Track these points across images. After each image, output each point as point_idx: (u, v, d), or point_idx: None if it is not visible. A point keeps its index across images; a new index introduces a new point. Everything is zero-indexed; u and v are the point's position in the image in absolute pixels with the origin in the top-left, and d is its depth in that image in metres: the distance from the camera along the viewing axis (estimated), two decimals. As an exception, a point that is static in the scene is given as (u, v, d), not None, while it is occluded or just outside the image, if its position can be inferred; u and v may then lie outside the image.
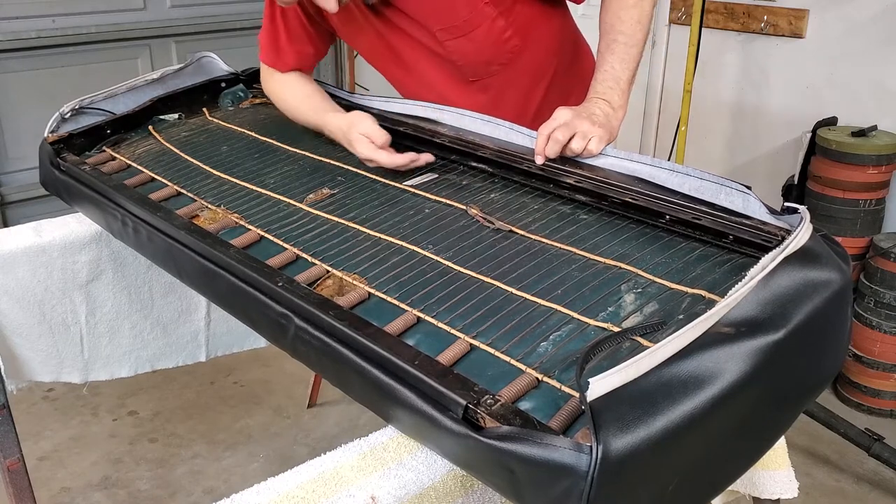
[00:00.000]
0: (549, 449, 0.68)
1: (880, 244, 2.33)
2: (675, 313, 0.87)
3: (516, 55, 1.39)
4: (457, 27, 1.33)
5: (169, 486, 2.12)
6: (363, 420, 2.35)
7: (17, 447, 1.26)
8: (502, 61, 1.39)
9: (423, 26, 1.35)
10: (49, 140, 1.45)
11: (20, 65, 2.88)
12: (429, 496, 0.81)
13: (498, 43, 1.36)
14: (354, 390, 0.90)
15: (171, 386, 2.53)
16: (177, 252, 1.14)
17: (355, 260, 1.05)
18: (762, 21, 2.66)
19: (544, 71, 1.45)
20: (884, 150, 2.33)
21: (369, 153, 1.26)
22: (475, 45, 1.35)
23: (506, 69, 1.41)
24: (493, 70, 1.40)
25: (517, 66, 1.41)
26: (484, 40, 1.35)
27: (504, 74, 1.41)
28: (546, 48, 1.43)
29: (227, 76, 1.70)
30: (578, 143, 1.15)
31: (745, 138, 2.87)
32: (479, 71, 1.40)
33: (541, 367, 0.82)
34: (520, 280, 0.96)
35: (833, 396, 2.48)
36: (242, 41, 3.27)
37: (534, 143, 1.20)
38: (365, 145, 1.26)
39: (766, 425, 0.85)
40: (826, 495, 2.08)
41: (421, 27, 1.35)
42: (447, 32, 1.34)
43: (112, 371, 1.55)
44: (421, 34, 1.37)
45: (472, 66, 1.39)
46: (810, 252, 0.87)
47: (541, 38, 1.41)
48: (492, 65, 1.39)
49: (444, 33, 1.34)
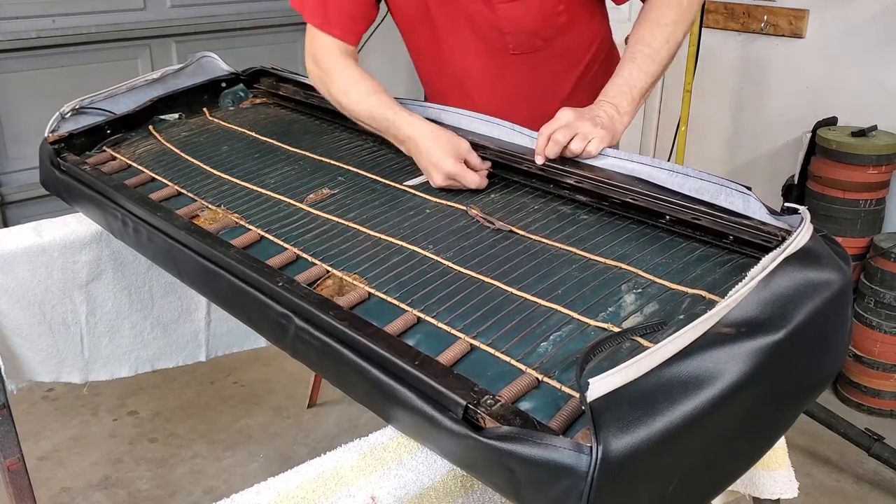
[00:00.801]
0: (549, 449, 0.68)
1: (880, 244, 2.33)
2: (676, 314, 0.87)
3: (561, 32, 1.38)
4: None
5: (169, 486, 2.12)
6: (363, 420, 2.35)
7: (17, 447, 1.26)
8: (547, 35, 1.38)
9: None
10: (49, 140, 1.45)
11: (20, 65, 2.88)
12: (429, 496, 0.81)
13: (550, 15, 1.35)
14: (354, 390, 0.90)
15: (171, 386, 2.53)
16: (177, 252, 1.14)
17: (355, 260, 1.05)
18: (762, 21, 2.66)
19: (580, 58, 1.44)
20: (884, 150, 2.33)
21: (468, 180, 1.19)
22: (528, 13, 1.34)
23: (548, 45, 1.39)
24: (537, 45, 1.38)
25: (558, 44, 1.40)
26: (539, 9, 1.34)
27: (544, 51, 1.40)
28: (586, 36, 1.43)
29: (227, 76, 1.70)
30: (578, 144, 1.15)
31: (745, 138, 2.87)
32: (524, 42, 1.38)
33: (541, 368, 0.82)
34: (520, 280, 0.96)
35: (833, 396, 2.48)
36: (242, 41, 3.27)
37: (534, 144, 1.20)
38: (461, 167, 1.20)
39: (767, 425, 0.85)
40: (826, 495, 2.08)
41: None
42: None
43: (112, 371, 1.55)
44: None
45: (518, 36, 1.37)
46: (811, 252, 0.87)
47: (584, 24, 1.41)
48: (537, 38, 1.38)
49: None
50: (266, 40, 3.35)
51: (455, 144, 1.22)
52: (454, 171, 1.19)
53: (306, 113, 1.60)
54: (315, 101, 1.56)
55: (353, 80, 1.36)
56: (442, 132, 1.24)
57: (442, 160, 1.20)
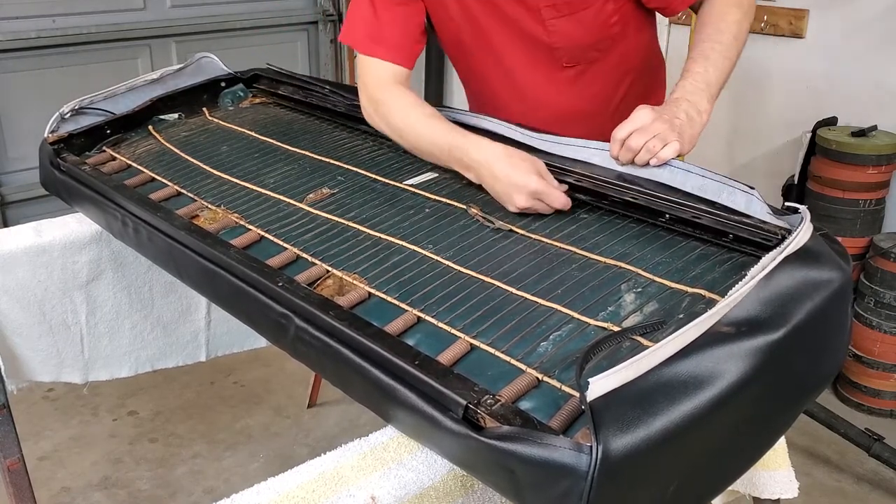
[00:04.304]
0: (549, 449, 0.68)
1: (880, 244, 2.33)
2: (675, 313, 0.87)
3: (614, 44, 1.35)
4: (567, 4, 1.27)
5: (169, 486, 2.12)
6: (363, 420, 2.35)
7: (17, 447, 1.26)
8: (601, 48, 1.35)
9: (526, 3, 1.29)
10: (49, 140, 1.45)
11: (20, 65, 2.87)
12: (429, 496, 0.81)
13: (604, 27, 1.32)
14: (355, 390, 0.90)
15: (171, 386, 2.52)
16: (177, 252, 1.14)
17: (355, 260, 1.05)
18: (762, 21, 2.66)
19: (631, 67, 1.42)
20: (884, 150, 2.33)
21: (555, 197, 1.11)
22: (582, 27, 1.30)
23: (603, 57, 1.36)
24: (591, 56, 1.35)
25: (611, 56, 1.37)
26: (592, 22, 1.30)
27: (598, 64, 1.37)
28: (637, 46, 1.41)
29: (226, 76, 1.70)
30: (655, 143, 1.08)
31: (745, 138, 2.86)
32: (576, 56, 1.34)
33: (541, 367, 0.82)
34: (520, 280, 0.96)
35: (833, 396, 2.48)
36: (242, 41, 3.26)
37: (529, 140, 1.21)
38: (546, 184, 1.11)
39: (766, 425, 0.85)
40: (826, 495, 2.08)
41: (522, 4, 1.29)
42: (555, 10, 1.28)
43: (112, 371, 1.55)
44: (518, 11, 1.30)
45: (570, 50, 1.33)
46: (811, 251, 0.87)
47: (636, 34, 1.39)
48: (591, 50, 1.34)
49: (552, 10, 1.28)
50: (266, 40, 3.35)
51: (533, 163, 1.13)
52: (540, 188, 1.10)
53: (306, 112, 1.60)
54: (315, 100, 1.57)
55: (411, 105, 1.29)
56: (516, 153, 1.15)
57: (526, 179, 1.10)
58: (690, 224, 1.02)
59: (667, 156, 1.08)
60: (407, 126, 1.28)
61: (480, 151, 1.16)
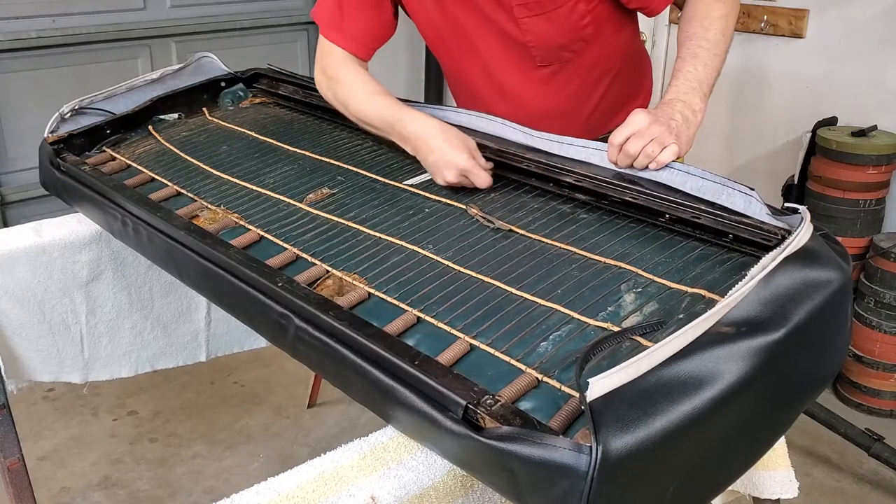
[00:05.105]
0: (549, 449, 0.68)
1: (880, 244, 2.33)
2: (675, 313, 0.87)
3: (588, 44, 1.35)
4: (538, 3, 1.28)
5: (169, 486, 2.12)
6: (363, 420, 2.35)
7: (17, 447, 1.26)
8: (574, 48, 1.35)
9: (501, 2, 1.29)
10: (49, 140, 1.45)
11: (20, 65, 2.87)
12: (429, 496, 0.81)
13: (576, 28, 1.32)
14: (354, 390, 0.90)
15: (171, 386, 2.52)
16: (177, 252, 1.14)
17: (355, 260, 1.05)
18: (762, 21, 2.66)
19: (609, 68, 1.41)
20: (884, 150, 2.33)
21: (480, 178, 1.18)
22: (553, 26, 1.31)
23: (576, 57, 1.36)
24: (564, 56, 1.35)
25: (586, 56, 1.37)
26: (563, 22, 1.30)
27: (572, 64, 1.37)
28: (615, 47, 1.40)
29: (226, 76, 1.70)
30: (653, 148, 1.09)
31: (745, 138, 2.86)
32: (549, 56, 1.35)
33: (541, 367, 0.82)
34: (520, 280, 0.96)
35: (833, 396, 2.48)
36: (242, 41, 3.26)
37: (528, 139, 1.21)
38: (474, 164, 1.19)
39: (766, 425, 0.85)
40: (826, 495, 2.08)
41: (498, 3, 1.30)
42: (526, 9, 1.28)
43: (112, 371, 1.55)
44: (494, 10, 1.31)
45: (543, 49, 1.34)
46: (811, 251, 0.87)
47: (612, 35, 1.38)
48: (564, 50, 1.35)
49: (523, 9, 1.29)
50: (266, 40, 3.35)
51: (465, 141, 1.21)
52: (468, 166, 1.17)
53: (306, 112, 1.60)
54: (314, 100, 1.56)
55: (360, 84, 1.36)
56: (450, 129, 1.22)
57: (456, 157, 1.18)
58: (690, 224, 1.02)
59: (665, 159, 1.09)
60: (353, 99, 1.36)
61: (417, 125, 1.24)
